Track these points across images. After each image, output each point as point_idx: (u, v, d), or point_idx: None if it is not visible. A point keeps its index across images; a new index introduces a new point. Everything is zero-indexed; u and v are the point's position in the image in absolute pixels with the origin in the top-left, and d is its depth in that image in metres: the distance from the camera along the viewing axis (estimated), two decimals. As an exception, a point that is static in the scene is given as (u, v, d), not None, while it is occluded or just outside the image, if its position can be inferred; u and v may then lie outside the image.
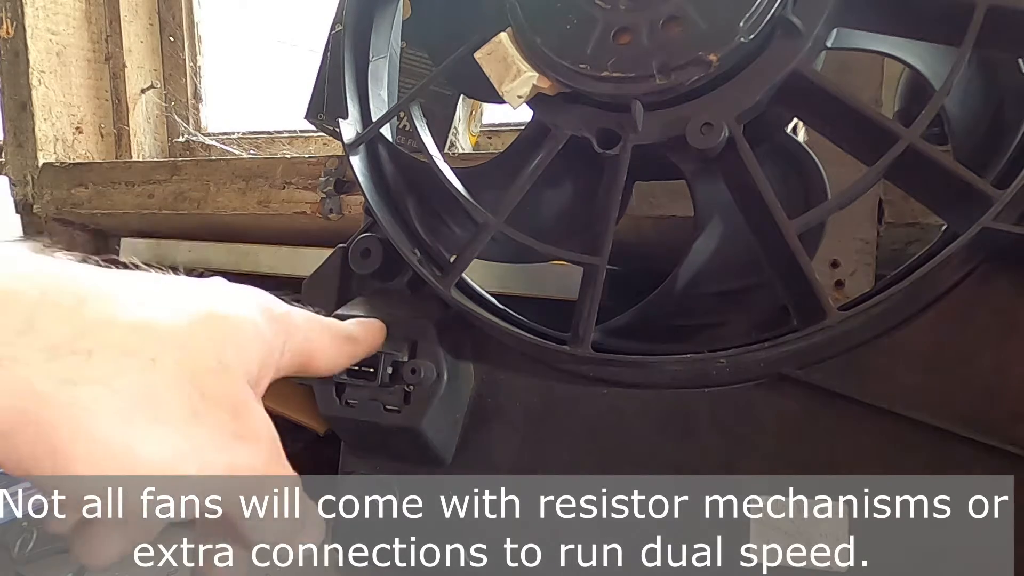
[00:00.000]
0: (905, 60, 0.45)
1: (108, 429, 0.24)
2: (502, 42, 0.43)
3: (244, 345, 0.29)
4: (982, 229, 0.36)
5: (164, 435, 0.25)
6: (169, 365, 0.26)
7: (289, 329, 0.33)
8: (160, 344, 0.26)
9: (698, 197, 0.47)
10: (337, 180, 0.80)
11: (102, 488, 0.25)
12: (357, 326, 0.40)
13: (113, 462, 0.24)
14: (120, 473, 0.24)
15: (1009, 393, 0.38)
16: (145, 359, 0.25)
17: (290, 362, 0.33)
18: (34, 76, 1.05)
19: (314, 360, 0.35)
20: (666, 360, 0.41)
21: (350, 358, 0.38)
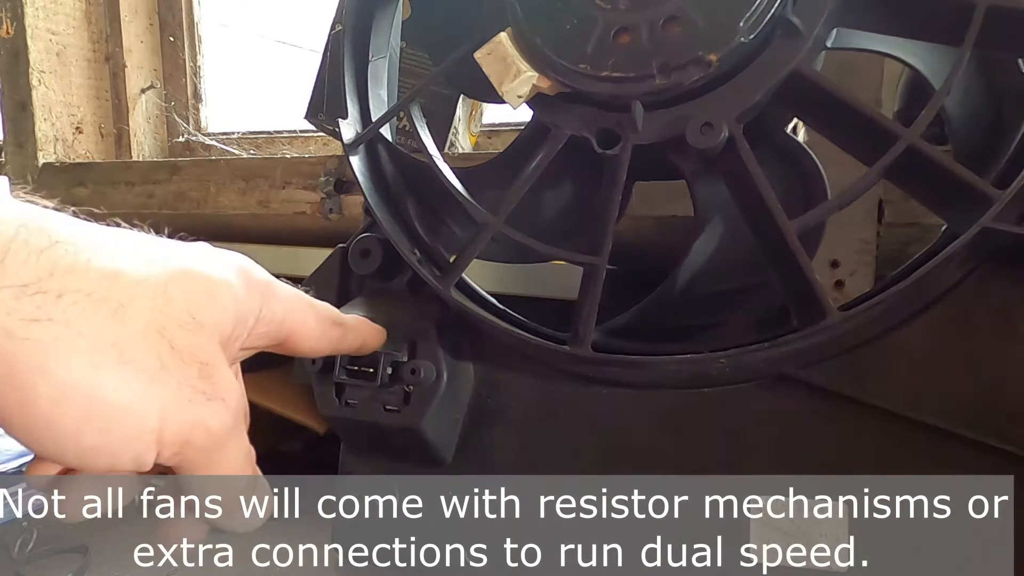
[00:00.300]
0: (905, 60, 0.45)
1: (72, 370, 0.24)
2: (502, 42, 0.43)
3: (218, 304, 0.29)
4: (982, 229, 0.36)
5: (129, 382, 0.25)
6: (139, 314, 0.26)
7: (267, 295, 0.32)
8: (131, 293, 0.26)
9: (698, 197, 0.47)
10: (337, 180, 0.80)
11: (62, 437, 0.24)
12: (351, 317, 0.40)
13: (76, 404, 0.24)
14: (82, 416, 0.24)
15: (1009, 393, 0.38)
16: (114, 305, 0.25)
17: (267, 331, 0.32)
18: (34, 76, 1.05)
19: (295, 336, 0.34)
20: (666, 360, 0.41)
21: (336, 342, 0.37)
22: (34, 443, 0.24)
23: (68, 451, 0.25)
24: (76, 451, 0.25)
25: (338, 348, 0.37)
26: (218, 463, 0.28)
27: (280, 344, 0.34)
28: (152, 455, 0.26)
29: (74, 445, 0.24)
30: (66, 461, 0.26)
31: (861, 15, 0.41)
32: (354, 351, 0.40)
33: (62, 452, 0.25)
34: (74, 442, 0.24)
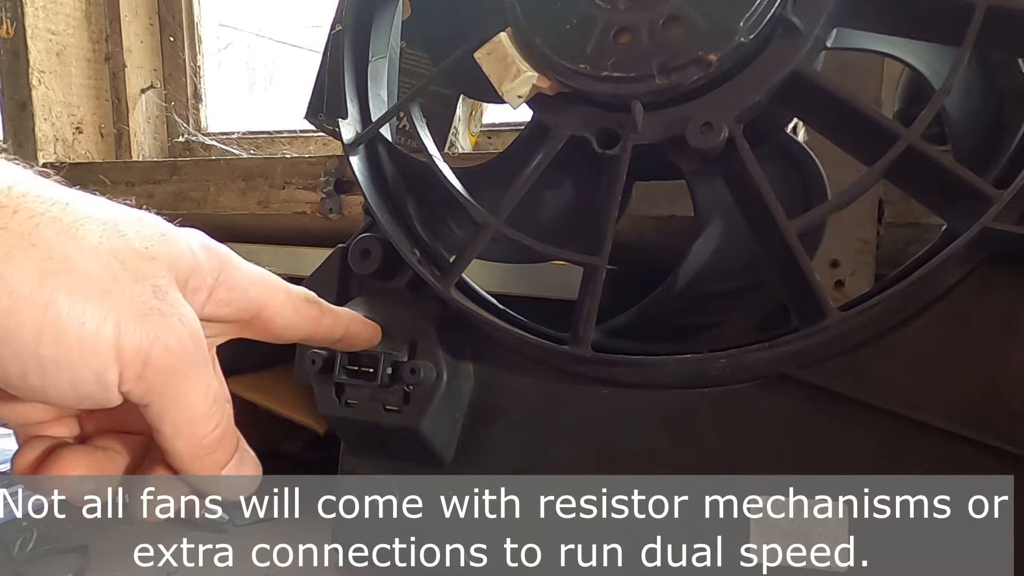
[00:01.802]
0: (905, 60, 0.45)
1: (25, 279, 0.23)
2: (502, 42, 0.43)
3: (171, 244, 0.28)
4: (982, 229, 0.36)
5: (82, 292, 0.24)
6: (90, 235, 0.25)
7: (226, 264, 0.31)
8: (83, 219, 0.26)
9: (698, 197, 0.47)
10: (337, 180, 0.80)
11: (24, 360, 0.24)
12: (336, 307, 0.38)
13: (31, 312, 0.23)
14: (37, 324, 0.24)
15: (1009, 393, 0.38)
16: (67, 225, 0.25)
17: (231, 300, 0.31)
18: (34, 76, 1.05)
19: (266, 312, 0.33)
20: (666, 360, 0.41)
21: (313, 322, 0.35)
22: (14, 369, 0.24)
23: (29, 369, 0.24)
24: (37, 367, 0.24)
25: (316, 330, 0.35)
26: (185, 394, 0.27)
27: (251, 321, 0.33)
28: (114, 375, 0.25)
29: (34, 360, 0.24)
30: (30, 385, 0.25)
31: (861, 15, 0.41)
32: (338, 338, 0.38)
33: (24, 371, 0.24)
34: (33, 355, 0.24)
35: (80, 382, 0.25)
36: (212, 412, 0.28)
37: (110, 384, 0.25)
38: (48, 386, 0.25)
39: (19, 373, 0.24)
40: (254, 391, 0.74)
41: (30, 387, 0.25)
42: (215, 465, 0.30)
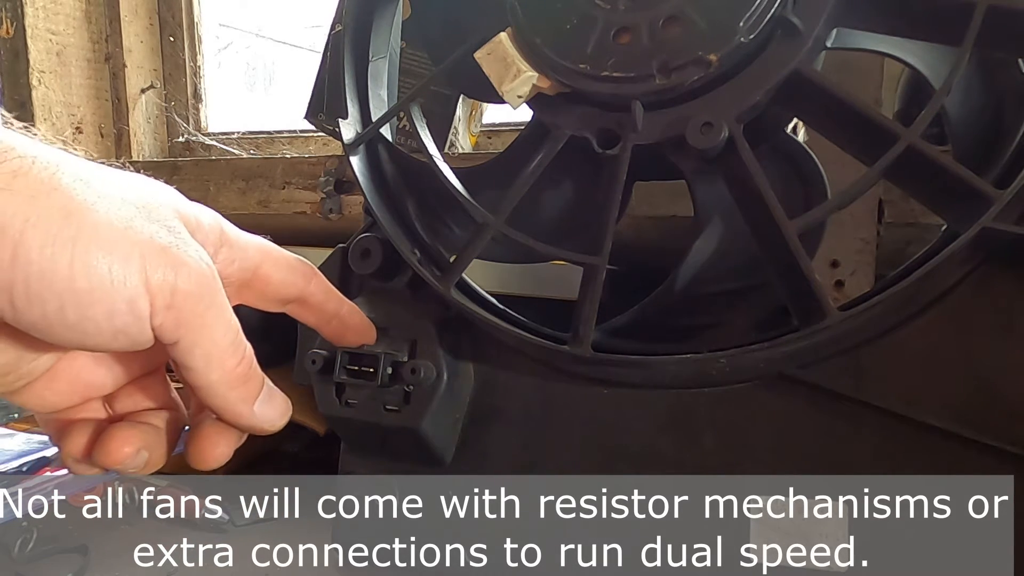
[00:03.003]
0: (905, 60, 0.45)
1: (52, 219, 0.25)
2: (502, 42, 0.43)
3: (179, 202, 0.30)
4: (982, 229, 0.36)
5: (106, 227, 0.25)
6: (104, 184, 0.27)
7: (224, 225, 0.32)
8: (96, 170, 0.27)
9: (698, 197, 0.47)
10: (337, 180, 0.80)
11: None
12: None
13: (63, 248, 0.24)
14: (70, 258, 0.25)
15: (1009, 393, 0.38)
16: (81, 174, 0.26)
17: (232, 257, 0.32)
18: (34, 76, 1.05)
19: (263, 268, 0.34)
20: (666, 360, 0.41)
21: (306, 279, 0.36)
22: (32, 305, 0.25)
23: (66, 303, 0.25)
24: (73, 302, 0.25)
25: (309, 288, 0.37)
26: (212, 323, 0.28)
27: (250, 281, 0.34)
28: (146, 304, 0.26)
29: (70, 294, 0.25)
30: (67, 321, 0.25)
31: (861, 15, 0.41)
32: (332, 312, 0.38)
33: (61, 305, 0.25)
34: (69, 289, 0.25)
35: (115, 313, 0.26)
36: (237, 343, 0.29)
37: (143, 314, 0.26)
38: (85, 320, 0.25)
39: (56, 308, 0.25)
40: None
41: (68, 325, 0.25)
42: (250, 395, 0.31)
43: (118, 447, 0.30)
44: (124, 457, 0.30)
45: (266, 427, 0.32)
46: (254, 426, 0.31)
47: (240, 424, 0.31)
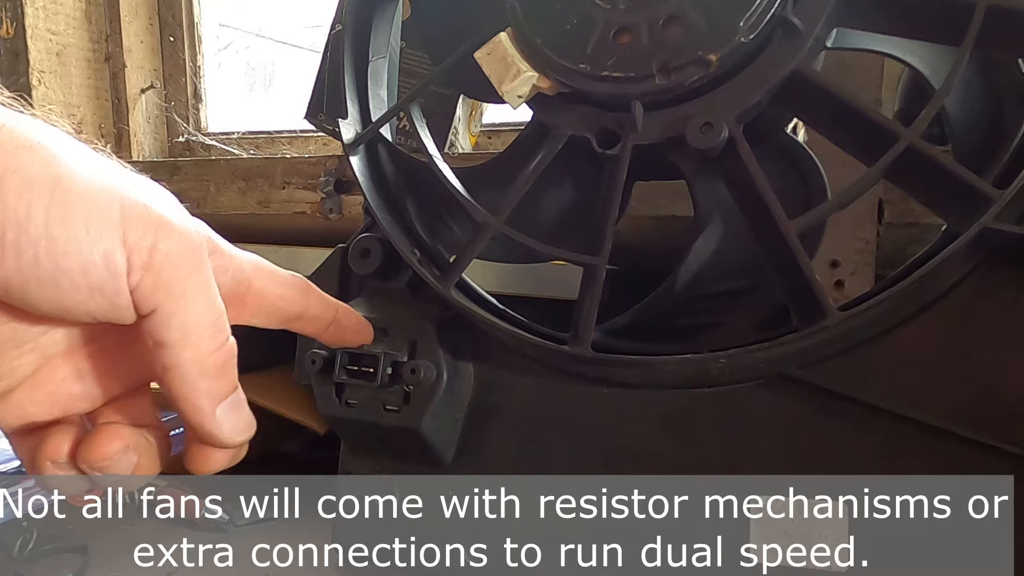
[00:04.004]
0: (905, 60, 0.45)
1: (33, 165, 0.24)
2: (502, 42, 0.43)
3: (167, 195, 0.28)
4: (982, 229, 0.36)
5: (87, 177, 0.25)
6: (84, 152, 0.26)
7: (213, 237, 0.31)
8: (81, 146, 0.27)
9: (698, 197, 0.47)
10: (337, 180, 0.80)
11: None
12: None
13: (40, 193, 0.24)
14: (46, 204, 0.24)
15: (1009, 393, 0.38)
16: (67, 137, 0.26)
17: (225, 266, 0.30)
18: (34, 76, 1.05)
19: (258, 282, 0.33)
20: (666, 360, 0.41)
21: (304, 294, 0.35)
22: (7, 254, 0.24)
23: (41, 251, 0.24)
24: (47, 250, 0.24)
25: (307, 303, 0.35)
26: (192, 292, 0.27)
27: (244, 296, 0.32)
28: (122, 258, 0.25)
29: (45, 241, 0.24)
30: (41, 274, 0.24)
31: (861, 15, 0.41)
32: (329, 319, 0.37)
33: (36, 255, 0.24)
34: (44, 235, 0.24)
35: (89, 266, 0.25)
36: (219, 326, 0.28)
37: (118, 269, 0.25)
38: (59, 272, 0.24)
39: (31, 259, 0.24)
40: (254, 391, 0.74)
41: (42, 278, 0.25)
42: (218, 392, 0.28)
43: (106, 441, 0.28)
44: (112, 452, 0.28)
45: (223, 435, 0.29)
46: (211, 431, 0.28)
47: (196, 421, 0.28)
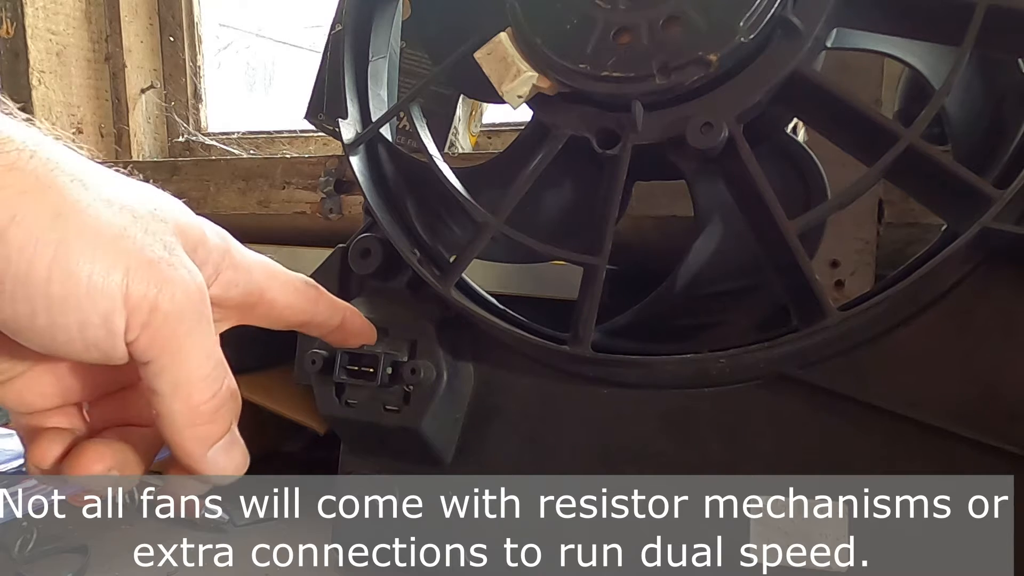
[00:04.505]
0: (905, 60, 0.45)
1: (39, 218, 0.24)
2: (502, 42, 0.43)
3: (183, 218, 0.29)
4: (982, 229, 0.36)
5: (94, 234, 0.25)
6: (105, 188, 0.26)
7: (231, 247, 0.31)
8: (100, 173, 0.27)
9: (698, 197, 0.47)
10: (337, 180, 0.80)
11: None
12: None
13: (44, 250, 0.24)
14: (49, 262, 0.24)
15: (1009, 393, 0.38)
16: (81, 174, 0.26)
17: (236, 280, 0.31)
18: (34, 76, 1.05)
19: (269, 293, 0.33)
20: (666, 360, 0.41)
21: (313, 303, 0.35)
22: (4, 304, 0.24)
23: (38, 308, 0.24)
24: (45, 307, 0.24)
25: (315, 311, 0.35)
26: (188, 350, 0.27)
27: (255, 305, 0.33)
28: (121, 320, 0.25)
29: (43, 299, 0.24)
30: (38, 327, 0.25)
31: (861, 15, 0.41)
32: (336, 324, 0.37)
33: (33, 311, 0.24)
34: (43, 294, 0.24)
35: (88, 325, 0.25)
36: (213, 377, 0.28)
37: (116, 330, 0.25)
38: (56, 327, 0.25)
39: (28, 313, 0.24)
40: (254, 391, 0.74)
41: (38, 330, 0.25)
42: (208, 437, 0.28)
43: (89, 463, 0.29)
44: (93, 472, 0.29)
45: (212, 477, 0.29)
46: (200, 471, 0.29)
47: (186, 463, 0.29)
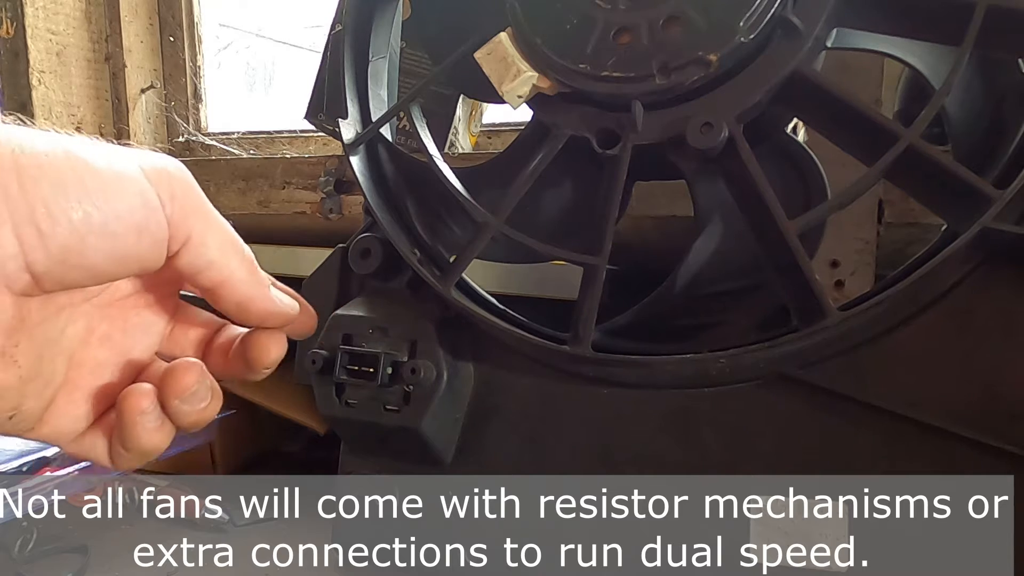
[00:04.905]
0: (905, 60, 0.45)
1: (44, 141, 0.26)
2: (502, 42, 0.43)
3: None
4: (982, 229, 0.37)
5: (95, 147, 0.27)
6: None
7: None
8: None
9: (698, 197, 0.47)
10: (337, 180, 0.80)
11: None
12: None
13: (62, 160, 0.26)
14: (70, 168, 0.26)
15: (1009, 393, 0.38)
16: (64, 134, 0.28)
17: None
18: (34, 76, 1.05)
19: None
20: (666, 360, 0.41)
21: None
22: (58, 221, 0.25)
23: (84, 204, 0.26)
24: (91, 202, 0.26)
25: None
26: (212, 212, 0.30)
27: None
28: (153, 194, 0.27)
29: (86, 195, 0.26)
30: (91, 224, 0.26)
31: (861, 15, 0.41)
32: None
33: (85, 213, 0.26)
34: (83, 191, 0.26)
35: (135, 207, 0.27)
36: (235, 234, 0.31)
37: (154, 203, 0.27)
38: (109, 217, 0.26)
39: (82, 216, 0.26)
40: (254, 391, 0.74)
41: (94, 228, 0.26)
42: (264, 279, 0.31)
43: (183, 373, 0.30)
44: (192, 383, 0.30)
45: (287, 308, 0.32)
46: (277, 309, 0.31)
47: (264, 309, 0.31)
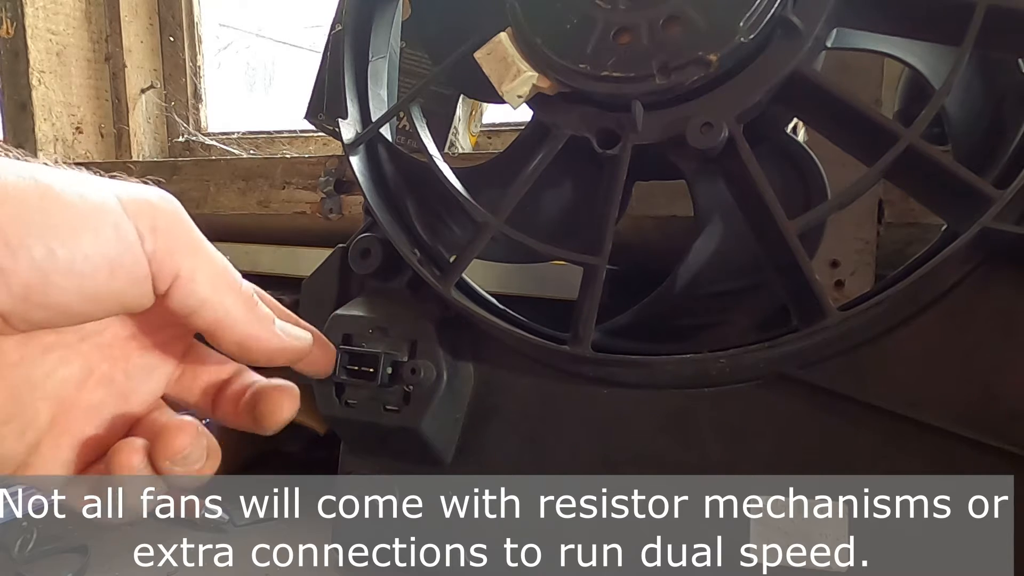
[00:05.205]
0: (905, 60, 0.45)
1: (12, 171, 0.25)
2: (502, 42, 0.43)
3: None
4: (982, 229, 0.36)
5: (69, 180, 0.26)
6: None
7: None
8: None
9: (698, 197, 0.47)
10: (337, 180, 0.80)
11: None
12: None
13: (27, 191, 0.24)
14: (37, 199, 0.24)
15: (1009, 393, 0.38)
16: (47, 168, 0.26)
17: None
18: (34, 76, 1.05)
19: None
20: (666, 360, 0.41)
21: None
22: (19, 256, 0.24)
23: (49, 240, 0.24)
24: (54, 237, 0.24)
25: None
26: (202, 242, 0.27)
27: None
28: (131, 226, 0.25)
29: (49, 230, 0.24)
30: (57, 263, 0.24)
31: (861, 15, 0.41)
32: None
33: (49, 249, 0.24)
34: (46, 225, 0.24)
35: (104, 241, 0.25)
36: (231, 268, 0.28)
37: (131, 237, 0.25)
38: (76, 256, 0.24)
39: (45, 252, 0.24)
40: (254, 391, 0.74)
41: (60, 268, 0.24)
42: (267, 315, 0.29)
43: (175, 434, 0.28)
44: (186, 444, 0.28)
45: (296, 343, 0.29)
46: (284, 345, 0.29)
47: (269, 347, 0.28)
